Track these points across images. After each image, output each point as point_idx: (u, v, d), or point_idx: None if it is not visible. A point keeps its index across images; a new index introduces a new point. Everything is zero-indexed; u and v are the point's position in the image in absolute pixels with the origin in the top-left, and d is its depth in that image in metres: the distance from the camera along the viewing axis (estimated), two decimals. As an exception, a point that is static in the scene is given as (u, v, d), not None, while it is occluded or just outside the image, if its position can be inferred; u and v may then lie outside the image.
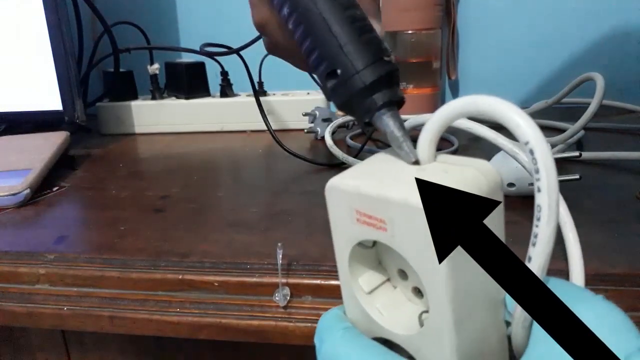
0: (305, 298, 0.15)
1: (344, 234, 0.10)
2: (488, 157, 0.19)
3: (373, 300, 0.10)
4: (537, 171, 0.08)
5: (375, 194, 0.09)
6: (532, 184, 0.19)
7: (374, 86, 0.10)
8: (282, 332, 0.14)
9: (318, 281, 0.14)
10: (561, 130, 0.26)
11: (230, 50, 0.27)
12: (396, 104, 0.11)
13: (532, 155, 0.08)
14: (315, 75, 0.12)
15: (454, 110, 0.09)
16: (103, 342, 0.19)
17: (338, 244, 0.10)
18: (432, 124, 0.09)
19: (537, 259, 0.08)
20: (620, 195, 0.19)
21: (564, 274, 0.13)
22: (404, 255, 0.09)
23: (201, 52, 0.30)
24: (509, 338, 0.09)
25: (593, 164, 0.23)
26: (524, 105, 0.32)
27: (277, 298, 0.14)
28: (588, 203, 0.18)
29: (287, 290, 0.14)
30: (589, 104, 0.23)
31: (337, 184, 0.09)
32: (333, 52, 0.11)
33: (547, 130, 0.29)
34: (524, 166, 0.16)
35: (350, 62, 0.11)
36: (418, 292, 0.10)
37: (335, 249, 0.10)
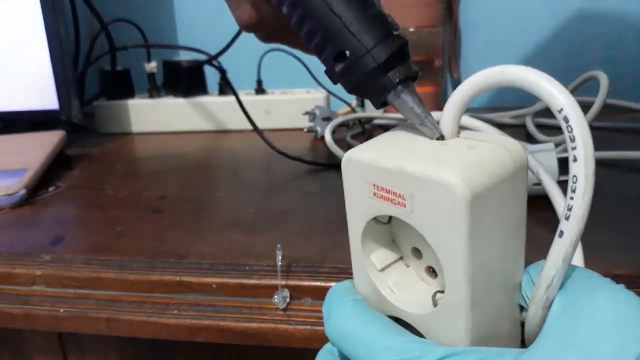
0: (305, 300, 0.14)
1: (359, 209, 0.09)
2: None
3: (385, 278, 0.10)
4: (572, 139, 0.07)
5: (396, 167, 0.08)
6: (536, 184, 0.18)
7: (387, 64, 0.10)
8: (282, 335, 0.14)
9: (318, 283, 0.14)
10: (564, 129, 0.27)
11: (206, 60, 0.26)
12: (411, 79, 0.10)
13: (567, 122, 0.07)
14: (320, 60, 0.11)
15: (481, 81, 0.08)
16: (100, 344, 0.18)
17: (352, 218, 0.10)
18: (458, 95, 0.09)
19: (569, 234, 0.08)
20: (624, 194, 0.19)
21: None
22: (421, 232, 0.08)
23: (197, 50, 0.30)
24: (521, 323, 0.09)
25: (597, 164, 0.22)
26: (527, 104, 0.32)
27: (276, 300, 0.14)
28: (592, 202, 0.18)
29: (286, 292, 0.14)
30: (592, 102, 0.22)
31: (355, 156, 0.09)
32: (338, 33, 0.10)
33: (550, 129, 0.29)
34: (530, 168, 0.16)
35: (359, 42, 0.10)
36: (432, 271, 0.10)
37: (348, 224, 0.10)
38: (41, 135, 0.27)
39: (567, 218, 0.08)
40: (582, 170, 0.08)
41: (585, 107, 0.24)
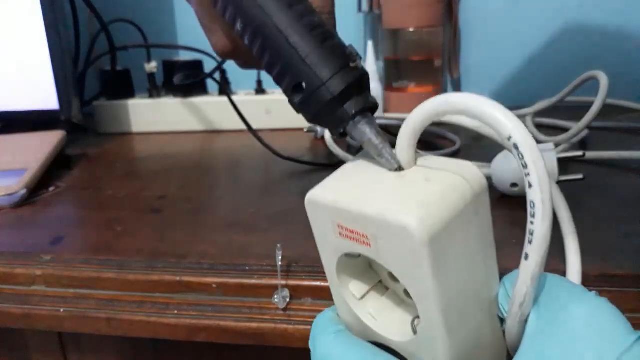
0: (304, 300, 0.14)
1: (329, 246, 0.10)
2: (491, 157, 0.19)
3: (365, 306, 0.10)
4: (525, 166, 0.07)
5: (355, 209, 0.08)
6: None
7: (343, 95, 0.10)
8: (282, 335, 0.14)
9: (318, 283, 0.14)
10: (564, 130, 0.26)
11: (197, 79, 0.26)
12: (369, 109, 0.10)
13: (517, 149, 0.07)
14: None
15: (427, 112, 0.08)
16: (100, 344, 0.18)
17: (324, 254, 0.10)
18: (407, 127, 0.09)
19: (534, 256, 0.08)
20: (624, 195, 0.19)
21: (561, 273, 0.13)
22: (389, 269, 0.08)
23: (198, 51, 0.30)
24: (503, 332, 0.09)
25: (597, 164, 0.22)
26: (526, 103, 0.32)
27: (276, 300, 0.14)
28: (592, 203, 0.18)
29: (286, 292, 0.14)
30: (592, 102, 0.22)
31: (315, 197, 0.09)
32: (295, 65, 0.10)
33: (550, 129, 0.29)
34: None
35: (314, 74, 0.10)
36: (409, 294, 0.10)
37: (322, 258, 0.10)
38: (41, 136, 0.27)
39: (530, 242, 0.08)
40: (539, 196, 0.07)
41: (585, 107, 0.24)
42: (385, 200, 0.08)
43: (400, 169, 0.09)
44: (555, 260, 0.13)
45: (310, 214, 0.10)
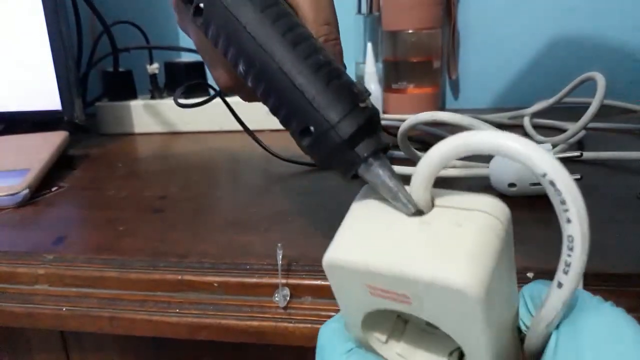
0: (305, 299, 0.14)
1: (356, 304, 0.09)
2: (489, 157, 0.19)
3: (391, 348, 0.09)
4: (563, 202, 0.07)
5: (393, 272, 0.07)
6: (533, 184, 0.18)
7: (354, 138, 0.09)
8: (282, 333, 0.14)
9: (318, 282, 0.14)
10: (562, 130, 0.26)
11: (207, 99, 0.26)
12: (382, 150, 0.10)
13: (554, 186, 0.07)
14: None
15: (446, 153, 0.08)
16: (102, 342, 0.18)
17: (348, 310, 0.09)
18: (424, 167, 0.08)
19: (568, 286, 0.08)
20: (621, 195, 0.19)
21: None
22: (435, 324, 0.08)
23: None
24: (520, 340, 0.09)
25: (594, 164, 0.23)
26: (524, 104, 0.32)
27: (276, 299, 0.14)
28: (589, 203, 0.18)
29: (286, 291, 0.14)
30: (590, 103, 0.22)
31: (338, 260, 0.08)
32: (302, 108, 0.10)
33: (548, 129, 0.29)
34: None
35: (322, 117, 0.09)
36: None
37: (342, 310, 0.09)
38: (44, 136, 0.27)
39: (565, 272, 0.08)
40: (578, 230, 0.07)
41: (582, 108, 0.24)
42: (425, 257, 0.07)
43: (419, 212, 0.08)
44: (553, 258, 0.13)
45: (332, 276, 0.09)
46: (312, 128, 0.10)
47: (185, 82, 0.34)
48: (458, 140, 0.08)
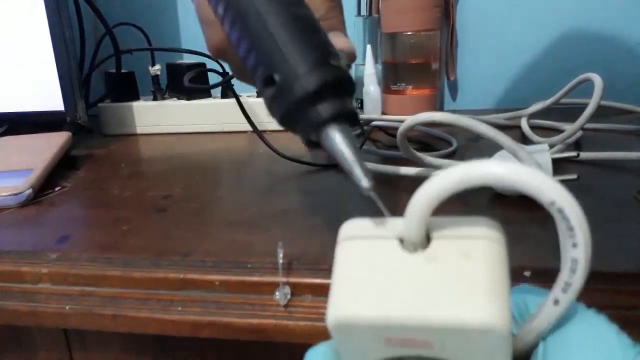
0: (305, 297, 0.15)
1: (365, 357, 0.08)
2: (487, 157, 0.20)
3: None
4: (571, 229, 0.07)
5: (414, 322, 0.07)
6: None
7: (318, 95, 0.08)
8: (283, 331, 0.14)
9: (318, 280, 0.14)
10: (559, 131, 0.26)
11: (215, 85, 0.25)
12: (347, 118, 0.09)
13: (562, 213, 0.07)
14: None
15: (445, 188, 0.07)
16: (105, 340, 0.19)
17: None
18: (421, 199, 0.07)
19: (563, 304, 0.08)
20: (618, 195, 0.19)
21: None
22: None
23: (202, 54, 0.30)
24: None
25: (591, 164, 0.23)
26: (522, 105, 0.32)
27: (277, 297, 0.15)
28: (586, 203, 0.18)
29: (287, 289, 0.14)
30: (587, 104, 0.23)
31: (350, 318, 0.07)
32: (270, 54, 0.09)
33: (545, 130, 0.29)
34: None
35: (289, 66, 0.09)
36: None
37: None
38: (47, 136, 0.28)
39: (564, 292, 0.08)
40: (583, 255, 0.07)
41: (579, 109, 0.25)
42: (446, 300, 0.07)
43: (371, 189, 0.08)
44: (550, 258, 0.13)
45: (340, 335, 0.08)
46: (276, 77, 0.09)
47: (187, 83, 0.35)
48: (459, 174, 0.07)
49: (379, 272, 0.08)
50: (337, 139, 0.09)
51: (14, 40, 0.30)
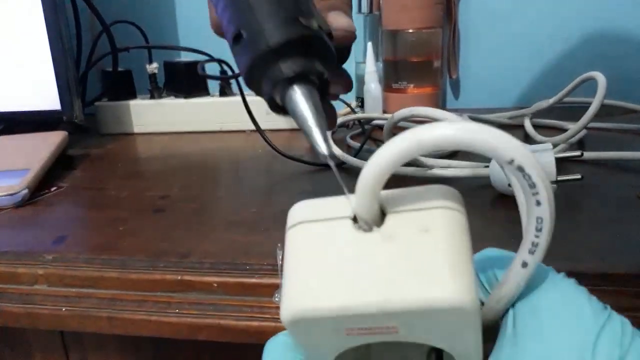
0: (305, 299, 0.14)
1: (325, 349, 0.08)
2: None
3: None
4: (532, 185, 0.07)
5: (380, 309, 0.06)
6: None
7: (281, 51, 0.08)
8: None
9: (318, 282, 0.14)
10: (563, 130, 0.26)
11: (230, 76, 0.25)
12: (312, 81, 0.08)
13: (522, 171, 0.07)
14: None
15: (394, 158, 0.07)
16: (102, 342, 0.18)
17: (314, 354, 0.08)
18: (369, 174, 0.07)
19: (532, 265, 0.08)
20: (622, 195, 0.19)
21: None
22: (426, 342, 0.07)
23: (200, 52, 0.30)
24: None
25: (595, 164, 0.22)
26: (525, 104, 0.32)
27: (277, 299, 0.14)
28: (589, 203, 0.18)
29: (286, 291, 0.14)
30: (590, 103, 0.22)
31: (307, 312, 0.07)
32: (241, 12, 0.09)
33: (548, 129, 0.29)
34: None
35: (256, 22, 0.08)
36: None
37: (306, 357, 0.08)
38: (43, 136, 0.27)
39: (532, 252, 0.08)
40: (547, 212, 0.07)
41: (583, 108, 0.24)
42: (409, 282, 0.06)
43: (333, 157, 0.07)
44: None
45: (298, 330, 0.07)
46: (243, 33, 0.09)
47: (184, 81, 0.34)
48: (409, 140, 0.07)
49: (333, 258, 0.07)
50: (298, 100, 0.08)
51: (10, 38, 0.30)
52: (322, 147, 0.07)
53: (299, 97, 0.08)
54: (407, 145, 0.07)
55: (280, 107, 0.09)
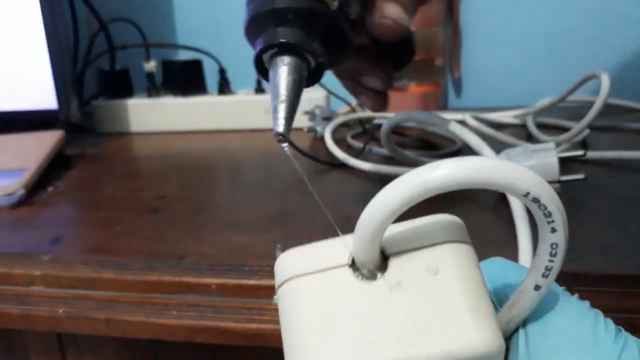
0: (304, 301, 0.14)
1: None
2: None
3: None
4: (548, 215, 0.07)
5: None
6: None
7: (284, 15, 0.08)
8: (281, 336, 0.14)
9: (318, 284, 0.14)
10: (566, 129, 0.26)
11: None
12: (305, 58, 0.08)
13: (539, 202, 0.06)
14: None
15: (398, 205, 0.06)
16: (99, 344, 0.18)
17: None
18: (369, 223, 0.06)
19: (544, 288, 0.08)
20: (625, 195, 0.19)
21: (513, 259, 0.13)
22: None
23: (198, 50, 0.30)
24: None
25: (598, 164, 0.22)
26: (528, 103, 0.32)
27: (276, 301, 0.14)
28: (593, 203, 0.18)
29: (286, 293, 0.14)
30: (593, 102, 0.22)
31: None
32: None
33: (551, 128, 0.29)
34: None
35: None
36: None
37: None
38: (40, 135, 0.27)
39: (545, 276, 0.07)
40: (563, 238, 0.07)
41: (586, 107, 0.24)
42: (426, 334, 0.06)
43: (284, 137, 0.07)
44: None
45: None
46: None
47: (182, 80, 0.34)
48: (414, 185, 0.06)
49: (341, 318, 0.06)
50: (280, 71, 0.08)
51: (7, 37, 0.30)
52: (280, 124, 0.07)
53: (282, 68, 0.08)
54: (413, 191, 0.06)
55: (265, 70, 0.08)
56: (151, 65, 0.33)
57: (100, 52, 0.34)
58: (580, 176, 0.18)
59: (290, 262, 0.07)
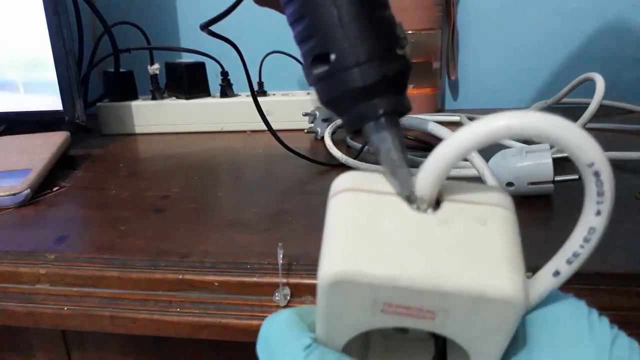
0: (305, 298, 0.15)
1: (351, 325, 0.07)
2: (487, 156, 0.19)
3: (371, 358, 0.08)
4: (601, 194, 0.07)
5: (430, 287, 0.06)
6: (531, 184, 0.19)
7: (376, 88, 0.08)
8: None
9: (318, 281, 0.14)
10: (561, 130, 0.27)
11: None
12: (400, 114, 0.08)
13: (598, 176, 0.06)
14: (300, 53, 0.09)
15: (470, 143, 0.06)
16: (103, 341, 0.19)
17: (333, 331, 0.07)
18: (439, 159, 0.06)
19: (565, 275, 0.07)
20: (619, 195, 0.19)
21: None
22: (450, 337, 0.07)
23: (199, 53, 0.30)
24: None
25: (593, 164, 0.23)
26: (523, 105, 0.32)
27: (277, 298, 0.14)
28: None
29: (287, 290, 0.14)
30: (588, 104, 0.22)
31: (350, 275, 0.06)
32: (328, 27, 0.08)
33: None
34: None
35: (349, 49, 0.08)
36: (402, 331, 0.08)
37: (322, 331, 0.07)
38: (45, 136, 0.27)
39: (569, 262, 0.07)
40: (603, 225, 0.07)
41: (581, 109, 0.25)
42: (462, 266, 0.06)
43: (412, 198, 0.07)
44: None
45: (332, 295, 0.06)
46: (332, 56, 0.08)
47: (186, 82, 0.35)
48: (497, 122, 0.06)
49: (385, 227, 0.07)
50: (387, 138, 0.08)
51: (12, 39, 0.30)
52: (405, 189, 0.07)
53: (386, 134, 0.08)
54: (496, 128, 0.06)
55: (359, 132, 0.08)
56: (155, 68, 0.34)
57: (104, 55, 0.35)
58: (575, 177, 0.18)
59: (347, 179, 0.07)
